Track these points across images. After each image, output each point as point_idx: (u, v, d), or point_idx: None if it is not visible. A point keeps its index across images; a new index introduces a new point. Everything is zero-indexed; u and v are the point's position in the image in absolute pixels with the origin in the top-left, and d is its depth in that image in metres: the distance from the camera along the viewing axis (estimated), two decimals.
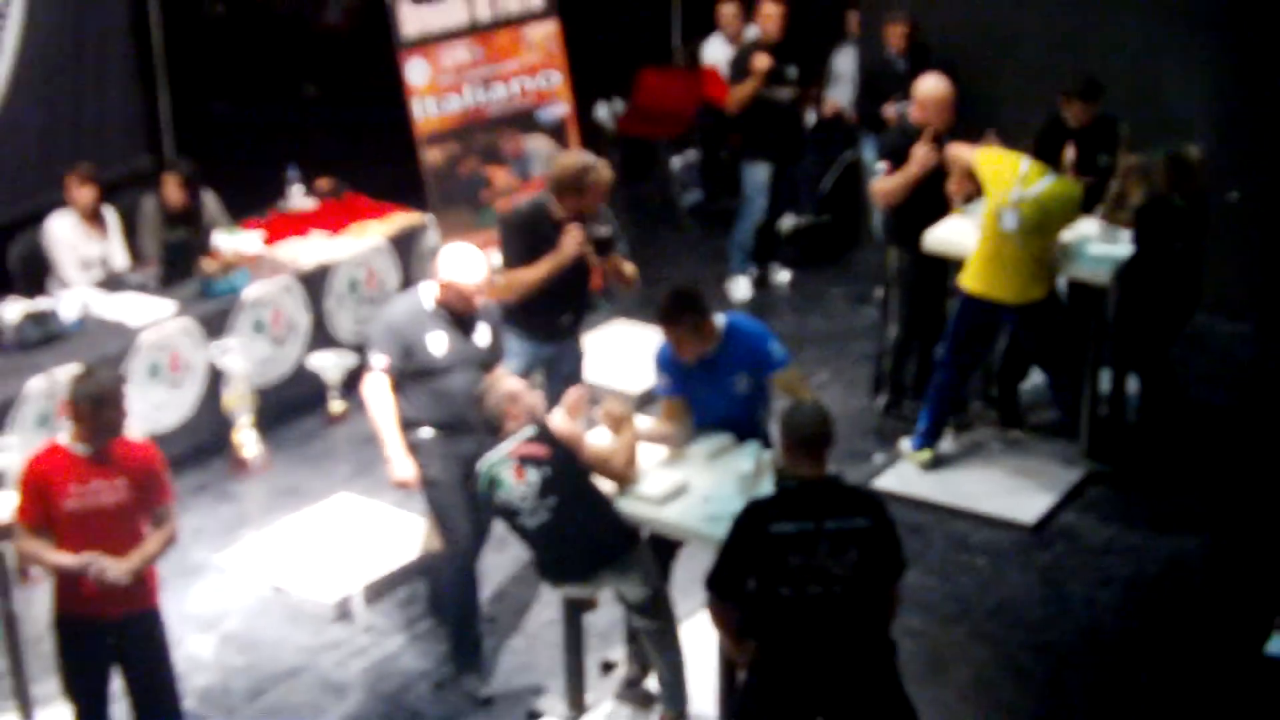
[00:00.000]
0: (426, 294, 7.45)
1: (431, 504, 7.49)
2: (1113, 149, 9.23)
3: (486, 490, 6.82)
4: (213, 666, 7.77)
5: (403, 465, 7.34)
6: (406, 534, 8.54)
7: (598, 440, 7.05)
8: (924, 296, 9.33)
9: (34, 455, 6.56)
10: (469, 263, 7.38)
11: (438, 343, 7.38)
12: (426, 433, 7.37)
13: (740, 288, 11.36)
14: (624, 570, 6.83)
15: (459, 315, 7.41)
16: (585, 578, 6.91)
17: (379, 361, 7.34)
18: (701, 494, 6.89)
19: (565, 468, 6.76)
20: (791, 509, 5.92)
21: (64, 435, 6.50)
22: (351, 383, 9.77)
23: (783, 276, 11.62)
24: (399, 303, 7.59)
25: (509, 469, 6.74)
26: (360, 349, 9.67)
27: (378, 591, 8.24)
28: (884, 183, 9.22)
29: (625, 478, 6.95)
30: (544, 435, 6.78)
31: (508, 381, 6.94)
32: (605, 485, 6.93)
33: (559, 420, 6.87)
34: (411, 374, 7.33)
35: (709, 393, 7.17)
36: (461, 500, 7.34)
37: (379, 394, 7.34)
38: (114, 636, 6.56)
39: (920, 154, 9.02)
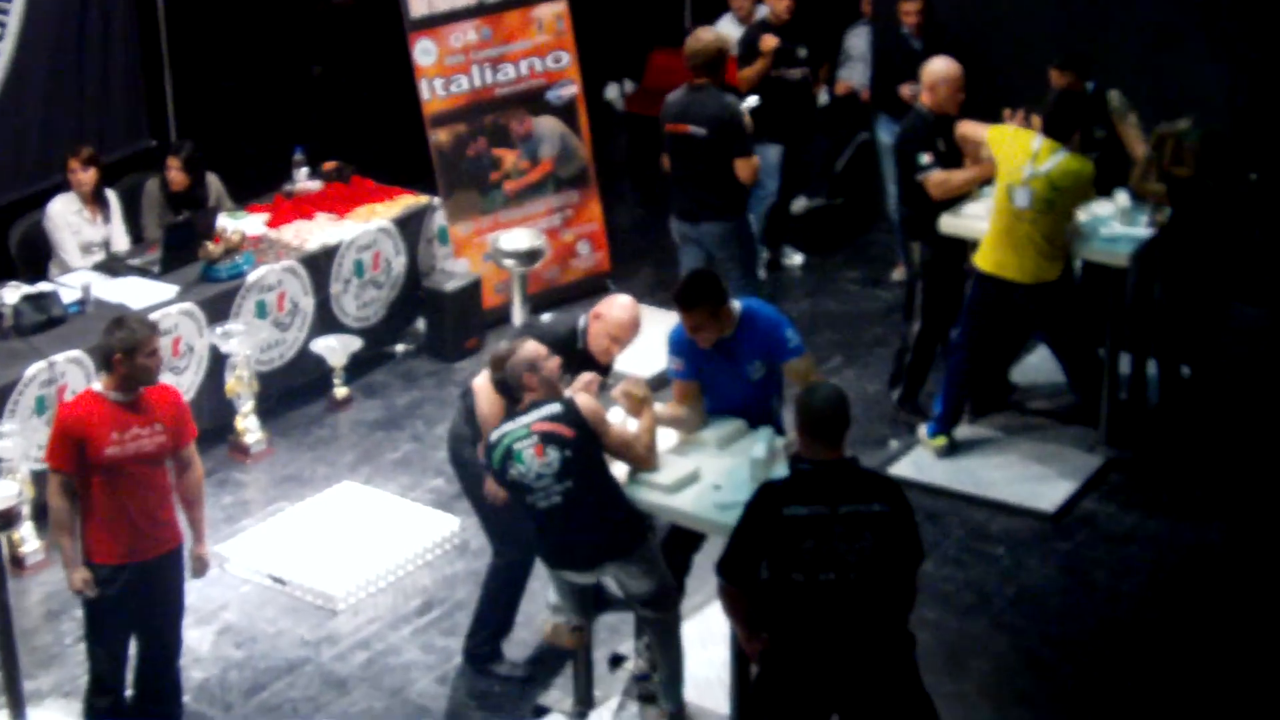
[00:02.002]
0: (578, 328, 7.21)
1: (496, 511, 7.18)
2: (1106, 121, 8.94)
3: (500, 463, 6.53)
4: (209, 660, 7.57)
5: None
6: (409, 524, 8.40)
7: (620, 423, 6.81)
8: (946, 286, 9.04)
9: (71, 403, 6.66)
10: (628, 317, 7.12)
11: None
12: None
13: None
14: (628, 564, 6.63)
15: (591, 358, 7.15)
16: (587, 566, 6.69)
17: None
18: (712, 481, 6.72)
19: (586, 451, 6.53)
20: (806, 492, 5.73)
21: (97, 384, 6.58)
22: (355, 368, 9.78)
23: (795, 259, 11.42)
24: (559, 326, 7.25)
25: (530, 445, 6.49)
26: (364, 333, 9.80)
27: None
28: (945, 176, 8.80)
29: (647, 463, 6.75)
30: (570, 415, 6.51)
31: (529, 348, 6.63)
32: (619, 470, 6.72)
33: (585, 400, 6.59)
34: None
35: (723, 377, 7.00)
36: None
37: (492, 401, 6.95)
38: (145, 577, 6.62)
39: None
